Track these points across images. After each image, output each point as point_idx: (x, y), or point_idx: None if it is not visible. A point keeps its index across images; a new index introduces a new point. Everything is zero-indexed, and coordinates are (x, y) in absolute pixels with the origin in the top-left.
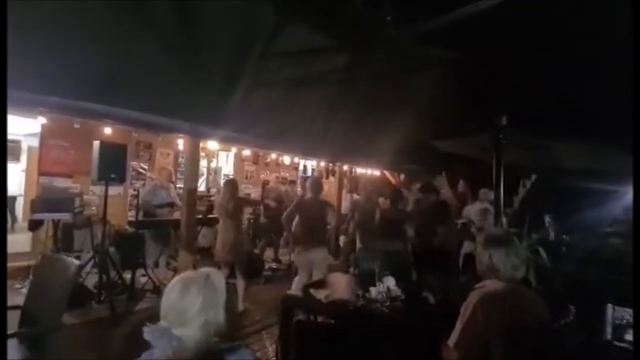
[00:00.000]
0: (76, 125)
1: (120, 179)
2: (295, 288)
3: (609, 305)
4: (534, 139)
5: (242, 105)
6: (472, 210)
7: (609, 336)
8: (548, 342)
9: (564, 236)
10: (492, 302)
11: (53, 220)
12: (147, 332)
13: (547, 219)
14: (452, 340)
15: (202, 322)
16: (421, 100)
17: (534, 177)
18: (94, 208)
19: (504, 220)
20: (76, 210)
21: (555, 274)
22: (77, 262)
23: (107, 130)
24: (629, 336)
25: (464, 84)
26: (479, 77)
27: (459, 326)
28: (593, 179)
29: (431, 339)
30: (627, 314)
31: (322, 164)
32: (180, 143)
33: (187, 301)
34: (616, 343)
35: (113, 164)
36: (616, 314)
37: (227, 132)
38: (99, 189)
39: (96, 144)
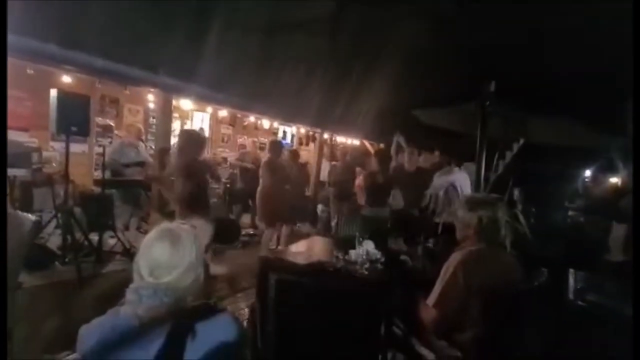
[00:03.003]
0: (29, 71)
1: (83, 133)
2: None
3: (570, 270)
4: (517, 111)
5: (216, 58)
6: (439, 185)
7: (571, 296)
8: (523, 302)
9: (532, 208)
10: (473, 263)
11: (9, 177)
12: (134, 290)
13: (515, 191)
14: (431, 300)
15: (193, 278)
16: (405, 59)
17: (522, 141)
18: (54, 165)
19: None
20: (34, 167)
21: (530, 239)
22: (32, 217)
23: (66, 79)
24: (588, 296)
25: (452, 43)
26: (469, 36)
27: (438, 286)
28: (562, 154)
29: (410, 298)
30: (586, 277)
31: (302, 130)
32: (151, 99)
33: (179, 254)
34: (578, 302)
35: (74, 116)
36: (577, 276)
37: (200, 88)
38: (60, 145)
39: (53, 92)
